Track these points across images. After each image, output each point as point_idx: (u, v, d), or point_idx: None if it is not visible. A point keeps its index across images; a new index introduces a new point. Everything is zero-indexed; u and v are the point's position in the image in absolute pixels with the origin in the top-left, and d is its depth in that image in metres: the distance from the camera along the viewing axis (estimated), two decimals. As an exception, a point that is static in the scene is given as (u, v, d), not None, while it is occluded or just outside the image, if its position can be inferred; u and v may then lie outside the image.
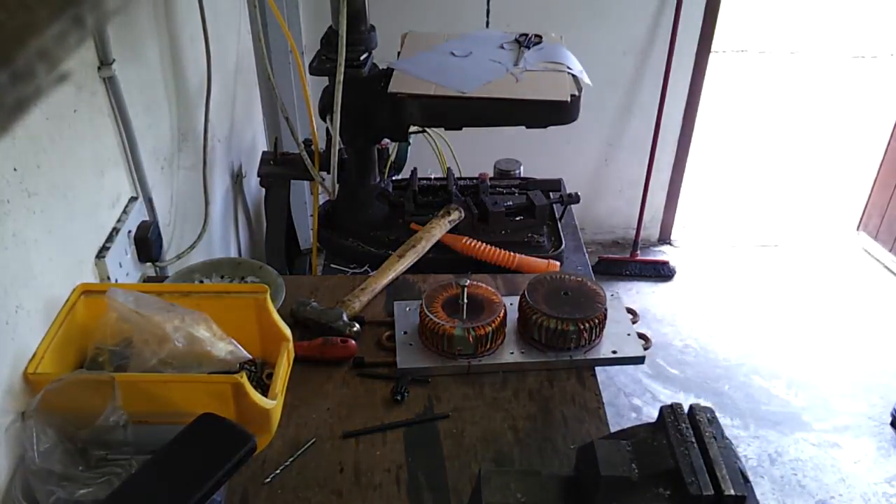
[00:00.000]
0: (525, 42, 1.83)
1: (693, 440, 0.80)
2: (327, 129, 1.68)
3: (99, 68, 1.23)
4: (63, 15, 0.27)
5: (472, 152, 2.28)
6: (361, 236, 1.88)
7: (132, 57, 1.37)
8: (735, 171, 3.90)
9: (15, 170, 0.97)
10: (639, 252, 3.16)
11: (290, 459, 1.05)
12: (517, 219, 1.87)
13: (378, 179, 1.90)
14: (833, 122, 4.33)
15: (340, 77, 1.56)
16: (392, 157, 2.00)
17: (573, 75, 1.71)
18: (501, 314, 1.24)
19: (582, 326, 1.22)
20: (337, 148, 1.66)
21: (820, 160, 4.01)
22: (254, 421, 0.99)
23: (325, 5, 1.63)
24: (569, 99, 1.62)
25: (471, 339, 1.20)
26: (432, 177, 2.11)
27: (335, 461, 1.06)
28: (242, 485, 1.01)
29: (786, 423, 2.45)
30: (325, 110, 1.66)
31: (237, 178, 2.13)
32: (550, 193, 1.93)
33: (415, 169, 2.04)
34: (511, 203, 1.89)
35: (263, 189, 2.04)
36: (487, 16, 2.52)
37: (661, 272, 3.13)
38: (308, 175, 1.84)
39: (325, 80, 1.64)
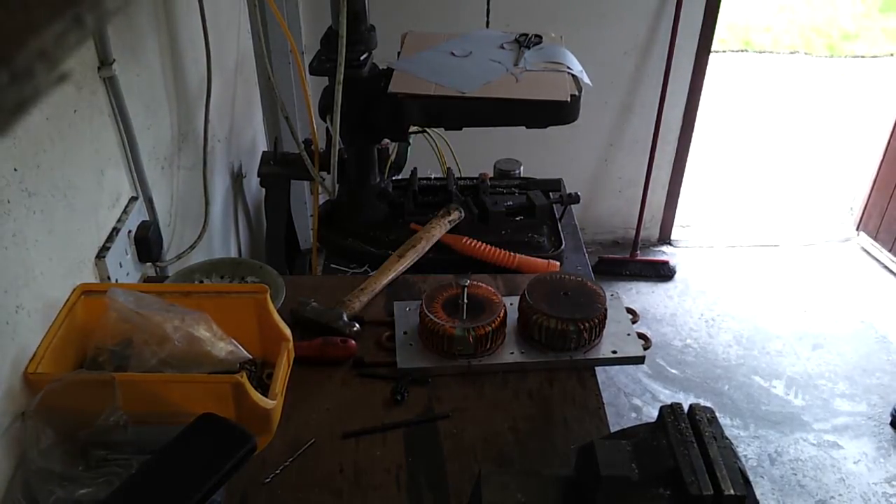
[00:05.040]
0: (525, 42, 1.82)
1: (693, 440, 0.80)
2: (327, 129, 1.68)
3: (99, 68, 1.23)
4: (63, 15, 0.27)
5: (472, 152, 2.28)
6: (361, 236, 1.88)
7: (132, 57, 1.37)
8: (735, 170, 3.90)
9: (15, 170, 0.97)
10: (639, 252, 3.16)
11: (290, 459, 1.05)
12: (517, 219, 1.87)
13: (378, 179, 1.90)
14: (832, 121, 4.33)
15: (340, 77, 1.56)
16: (392, 157, 2.00)
17: (573, 75, 1.71)
18: (501, 314, 1.24)
19: (582, 326, 1.22)
20: (337, 148, 1.66)
21: (820, 160, 4.01)
22: (254, 421, 0.99)
23: (325, 5, 1.63)
24: (569, 99, 1.62)
25: (471, 339, 1.20)
26: (432, 177, 2.11)
27: (335, 461, 1.06)
28: (242, 485, 1.01)
29: (785, 423, 2.45)
30: (325, 110, 1.65)
31: (237, 178, 2.13)
32: (550, 193, 1.93)
33: (415, 169, 2.04)
34: (511, 203, 1.89)
35: (263, 189, 2.04)
36: (487, 16, 2.51)
37: (661, 272, 3.12)
38: (308, 175, 1.84)
39: (325, 80, 1.64)
